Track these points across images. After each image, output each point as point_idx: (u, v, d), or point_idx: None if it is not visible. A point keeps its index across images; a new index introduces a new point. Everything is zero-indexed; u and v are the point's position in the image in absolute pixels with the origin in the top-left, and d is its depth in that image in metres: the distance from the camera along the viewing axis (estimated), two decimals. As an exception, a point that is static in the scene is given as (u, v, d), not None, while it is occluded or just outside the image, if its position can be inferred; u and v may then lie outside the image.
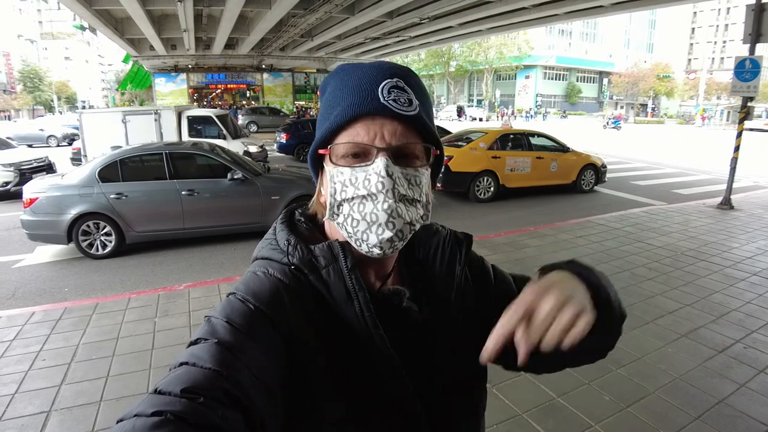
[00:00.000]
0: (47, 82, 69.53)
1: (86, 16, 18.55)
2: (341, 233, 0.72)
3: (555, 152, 10.51)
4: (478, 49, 57.43)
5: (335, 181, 0.70)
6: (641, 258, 5.83)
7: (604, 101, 70.96)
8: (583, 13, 18.87)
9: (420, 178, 0.71)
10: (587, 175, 10.76)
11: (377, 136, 0.68)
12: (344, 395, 0.66)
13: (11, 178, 10.33)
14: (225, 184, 6.64)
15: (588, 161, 10.74)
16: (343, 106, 0.69)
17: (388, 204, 0.66)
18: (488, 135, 10.12)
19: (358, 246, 0.70)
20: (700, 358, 3.53)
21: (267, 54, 29.32)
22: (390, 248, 0.69)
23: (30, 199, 6.12)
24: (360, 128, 0.68)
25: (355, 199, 0.68)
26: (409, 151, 0.70)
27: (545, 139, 10.70)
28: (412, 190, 0.70)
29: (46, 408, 2.94)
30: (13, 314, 4.39)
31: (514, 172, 9.93)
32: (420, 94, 0.72)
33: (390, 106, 0.67)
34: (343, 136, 0.69)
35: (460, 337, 0.80)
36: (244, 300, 0.66)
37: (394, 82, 0.70)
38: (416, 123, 0.70)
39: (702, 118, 49.47)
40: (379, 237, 0.67)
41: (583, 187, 10.75)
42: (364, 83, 0.69)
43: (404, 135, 0.69)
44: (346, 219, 0.70)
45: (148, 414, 0.51)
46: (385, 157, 0.67)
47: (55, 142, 23.80)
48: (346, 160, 0.69)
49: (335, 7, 16.44)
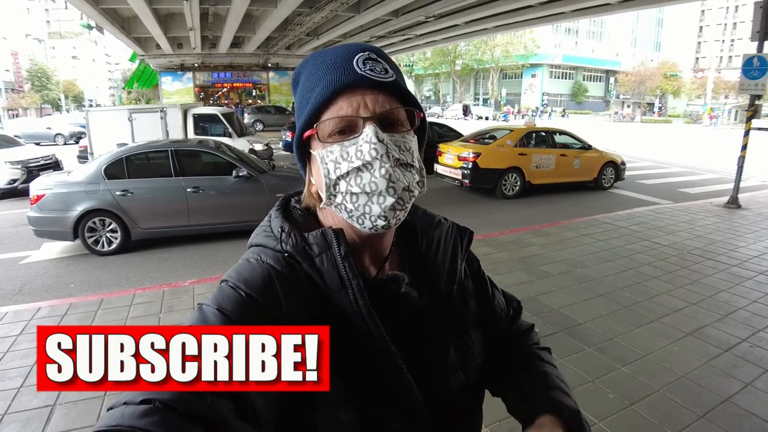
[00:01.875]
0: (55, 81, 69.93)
1: (93, 15, 18.65)
2: (340, 216, 0.72)
3: (578, 150, 10.67)
4: (484, 47, 57.33)
5: (326, 162, 0.70)
6: (647, 256, 5.80)
7: (610, 100, 70.62)
8: (589, 11, 18.77)
9: (409, 144, 0.71)
10: (608, 172, 10.89)
11: (360, 106, 0.68)
12: (340, 384, 0.65)
13: (18, 175, 10.41)
14: (230, 182, 6.66)
15: (609, 159, 10.88)
16: (322, 85, 0.69)
17: (384, 169, 0.66)
18: (514, 132, 10.26)
19: (360, 224, 0.70)
20: (706, 356, 3.50)
21: (273, 53, 29.36)
22: (394, 217, 0.69)
23: (37, 196, 6.16)
24: (342, 102, 0.68)
25: (351, 173, 0.68)
26: (394, 118, 0.70)
27: (568, 137, 10.86)
28: (404, 155, 0.70)
29: (50, 402, 2.96)
30: (20, 309, 4.42)
31: (540, 169, 10.05)
32: (392, 66, 0.73)
33: (368, 75, 0.68)
34: (326, 113, 0.69)
35: (459, 328, 0.80)
36: (236, 287, 0.66)
37: (366, 54, 0.71)
38: (395, 89, 0.70)
39: (710, 117, 49.11)
40: (382, 206, 0.67)
41: (604, 184, 10.88)
42: (338, 60, 0.70)
43: (387, 102, 0.69)
44: (345, 197, 0.69)
45: (136, 402, 0.52)
46: (373, 124, 0.67)
47: (62, 140, 23.95)
48: (333, 137, 0.69)
49: (341, 6, 16.43)
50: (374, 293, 0.70)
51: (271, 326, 0.57)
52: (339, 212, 0.72)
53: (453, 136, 12.37)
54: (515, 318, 0.97)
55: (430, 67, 62.40)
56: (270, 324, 0.63)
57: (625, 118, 56.20)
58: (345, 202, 0.69)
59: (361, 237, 0.75)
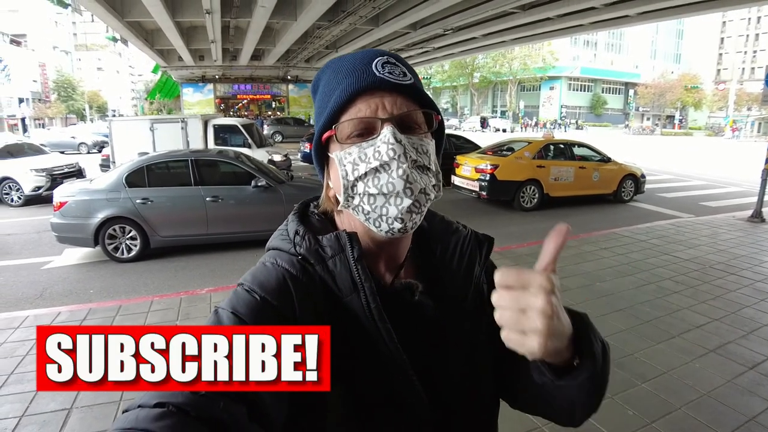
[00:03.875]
0: (80, 92, 71.75)
1: (118, 28, 19.14)
2: (358, 220, 0.72)
3: (597, 162, 10.59)
4: (502, 60, 57.34)
5: (345, 163, 0.70)
6: (668, 271, 5.68)
7: (630, 113, 69.90)
8: (608, 24, 18.67)
9: (426, 146, 0.71)
10: (627, 185, 10.78)
11: (379, 108, 0.68)
12: (349, 389, 0.65)
13: (43, 182, 10.66)
14: (249, 191, 6.73)
15: (628, 171, 10.78)
16: (341, 88, 0.70)
17: (402, 170, 0.66)
18: (533, 144, 10.22)
19: (377, 227, 0.70)
20: (730, 374, 3.40)
21: (292, 65, 29.70)
22: (410, 220, 0.68)
23: (60, 203, 6.30)
24: (361, 104, 0.69)
25: (369, 174, 0.68)
26: (411, 120, 0.70)
27: (587, 149, 10.78)
28: (422, 158, 0.69)
29: (67, 405, 2.99)
30: (41, 314, 4.50)
31: (558, 182, 9.98)
32: (410, 70, 0.74)
33: (387, 78, 0.69)
34: (345, 115, 0.70)
35: (474, 339, 0.78)
36: (251, 290, 0.66)
37: (385, 59, 0.72)
38: (414, 91, 0.71)
39: (732, 129, 48.25)
40: (399, 207, 0.67)
41: (623, 197, 10.75)
42: (357, 64, 0.71)
43: (405, 104, 0.70)
44: (362, 198, 0.69)
45: (151, 405, 0.52)
46: (391, 125, 0.67)
47: (86, 149, 24.53)
48: (352, 139, 0.70)
49: (359, 19, 16.58)
50: (388, 300, 0.70)
51: (272, 326, 0.57)
52: (356, 214, 0.72)
53: (470, 148, 12.38)
54: None
55: (448, 80, 62.54)
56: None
57: (644, 130, 55.53)
58: (362, 203, 0.69)
59: (376, 243, 0.74)
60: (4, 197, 10.61)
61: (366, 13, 15.68)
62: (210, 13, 15.79)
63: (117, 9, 16.46)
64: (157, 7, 15.13)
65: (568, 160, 10.22)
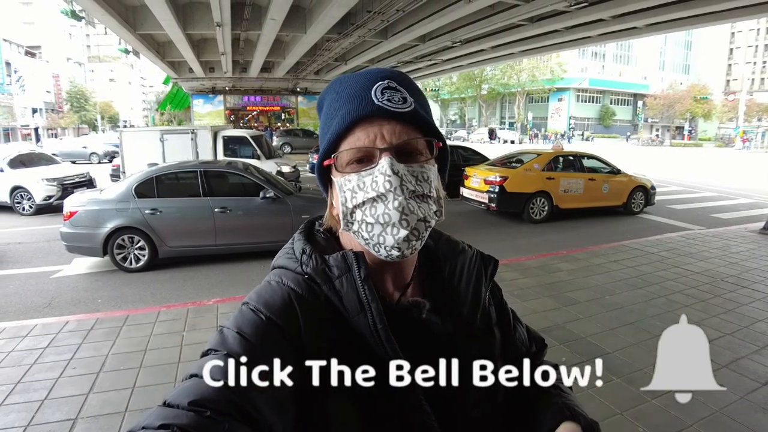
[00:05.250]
0: (92, 103, 72.77)
1: (131, 40, 19.44)
2: (358, 242, 0.72)
3: (606, 174, 10.58)
4: (511, 71, 57.44)
5: (344, 190, 0.70)
6: (678, 284, 5.61)
7: (638, 124, 69.61)
8: (616, 35, 18.67)
9: (427, 173, 0.70)
10: (637, 197, 10.73)
11: (377, 137, 0.68)
12: (356, 409, 0.64)
13: (54, 192, 10.78)
14: (257, 203, 6.75)
15: (638, 183, 10.75)
16: (340, 115, 0.70)
17: (398, 202, 0.66)
18: (542, 156, 10.22)
19: (376, 252, 0.69)
20: (742, 390, 3.34)
21: (302, 77, 29.92)
22: (408, 248, 0.68)
23: (70, 212, 6.35)
24: (360, 133, 0.69)
25: (366, 203, 0.68)
26: (411, 148, 0.70)
27: (596, 161, 10.78)
28: (421, 186, 0.69)
29: (73, 415, 3.00)
30: (48, 323, 4.52)
31: (568, 194, 9.97)
32: (413, 92, 0.73)
33: (385, 106, 0.68)
34: (344, 144, 0.70)
35: (481, 358, 0.77)
36: (256, 310, 0.66)
37: (385, 83, 0.71)
38: (414, 119, 0.70)
39: (742, 140, 47.90)
40: (395, 237, 0.67)
41: (633, 209, 10.69)
42: (357, 90, 0.71)
43: (404, 132, 0.69)
44: (360, 225, 0.69)
45: (155, 427, 0.51)
46: (389, 156, 0.67)
47: (97, 158, 24.81)
48: (351, 167, 0.70)
49: (368, 32, 16.71)
50: (395, 319, 0.69)
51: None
52: (357, 238, 0.72)
53: (478, 160, 12.41)
54: (538, 356, 0.93)
55: (456, 92, 62.69)
56: (288, 346, 0.63)
57: (653, 141, 55.25)
58: (361, 230, 0.70)
59: (381, 262, 0.73)
60: (16, 206, 10.73)
61: (375, 25, 15.81)
62: (220, 26, 16.00)
63: (129, 22, 16.73)
64: (169, 20, 15.36)
65: (577, 172, 10.21)
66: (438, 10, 14.39)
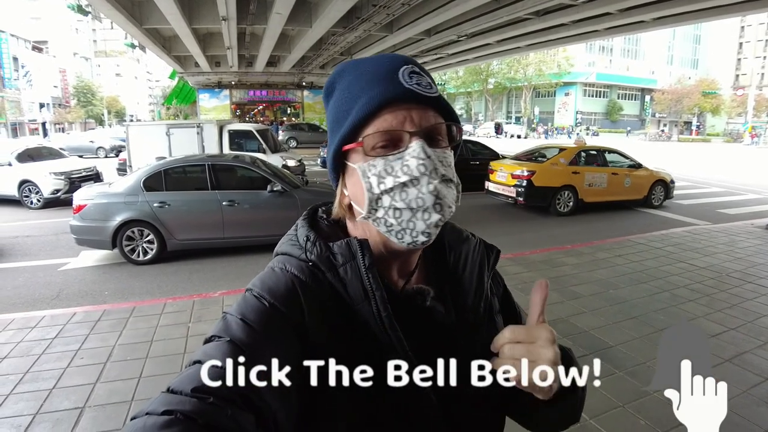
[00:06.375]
0: (99, 97, 73.12)
1: (137, 34, 19.47)
2: (378, 229, 0.70)
3: (628, 168, 10.77)
4: (517, 66, 56.99)
5: (368, 176, 0.68)
6: (683, 279, 5.60)
7: (646, 119, 69.07)
8: (624, 29, 18.54)
9: (449, 159, 0.71)
10: (657, 191, 10.91)
11: (407, 120, 0.67)
12: (360, 397, 0.63)
13: (62, 186, 10.86)
14: (264, 196, 6.80)
15: (658, 177, 10.93)
16: (366, 98, 0.67)
17: (433, 185, 0.65)
18: (567, 151, 10.43)
19: (399, 239, 0.68)
20: (746, 384, 3.34)
21: (307, 72, 29.89)
22: (435, 234, 0.68)
23: (79, 206, 6.40)
24: (388, 115, 0.67)
25: (396, 188, 0.66)
26: (437, 133, 0.70)
27: (618, 155, 10.99)
28: (447, 171, 0.69)
29: (80, 404, 3.04)
30: (56, 314, 4.58)
31: (592, 188, 10.16)
32: (433, 81, 0.73)
33: (415, 89, 0.67)
34: (370, 127, 0.68)
35: (484, 346, 0.78)
36: (259, 296, 0.66)
37: (410, 67, 0.70)
38: (439, 104, 0.70)
39: (751, 136, 47.39)
40: (427, 222, 0.67)
41: (653, 203, 10.89)
42: (381, 72, 0.69)
43: (433, 117, 0.69)
44: (387, 211, 0.67)
45: (158, 413, 0.52)
46: (420, 140, 0.66)
47: (104, 153, 24.92)
48: (376, 151, 0.68)
49: (374, 26, 16.66)
50: (399, 306, 0.69)
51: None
52: (377, 226, 0.70)
53: (487, 154, 12.69)
54: None
55: (463, 86, 62.28)
56: (292, 333, 0.63)
57: (661, 137, 54.80)
58: (387, 216, 0.68)
59: (389, 250, 0.73)
60: (24, 200, 10.82)
61: (380, 19, 15.76)
62: (226, 20, 16.00)
63: (135, 16, 16.75)
64: (175, 14, 15.37)
65: (601, 167, 10.41)
66: (443, 4, 14.34)
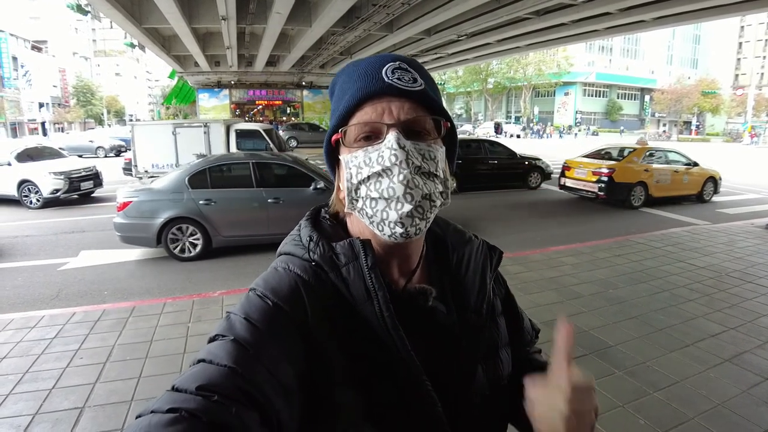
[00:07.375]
0: (98, 97, 73.08)
1: (136, 34, 19.42)
2: (362, 222, 0.72)
3: (686, 166, 11.79)
4: (517, 65, 57.03)
5: (350, 166, 0.71)
6: (682, 278, 5.60)
7: (645, 118, 69.09)
8: (623, 29, 18.52)
9: (434, 153, 0.71)
10: (708, 187, 12.03)
11: (385, 112, 0.69)
12: (362, 397, 0.64)
13: (61, 185, 10.86)
14: (308, 193, 6.89)
15: (710, 174, 12.06)
16: (350, 93, 0.71)
17: (403, 175, 0.66)
18: (638, 151, 11.61)
19: (380, 231, 0.69)
20: (745, 384, 3.34)
21: (307, 71, 29.84)
22: (412, 226, 0.67)
23: (123, 203, 6.42)
24: (368, 109, 0.69)
25: (371, 178, 0.68)
26: (419, 127, 0.70)
27: (677, 154, 12.15)
28: (427, 164, 0.69)
29: (80, 404, 3.04)
30: (56, 314, 4.57)
31: (659, 184, 11.19)
32: (423, 75, 0.74)
33: (394, 83, 0.69)
34: (353, 120, 0.71)
35: (488, 347, 0.78)
36: (263, 296, 0.66)
37: (396, 64, 0.72)
38: (423, 98, 0.71)
39: (751, 135, 47.45)
40: (399, 212, 0.67)
41: (705, 198, 11.98)
42: (368, 69, 0.72)
43: (412, 110, 0.70)
44: (365, 201, 0.70)
45: (164, 410, 0.52)
46: (396, 131, 0.68)
47: (103, 152, 24.93)
48: (358, 143, 0.70)
49: (374, 25, 16.63)
50: (401, 306, 0.69)
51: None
52: (361, 218, 0.72)
53: (504, 153, 13.95)
54: (532, 343, 0.95)
55: (462, 86, 62.27)
56: (295, 332, 0.63)
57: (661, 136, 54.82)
58: (365, 207, 0.70)
59: (386, 247, 0.74)
60: (24, 199, 10.81)
61: (380, 19, 15.73)
62: (225, 20, 15.97)
63: (135, 16, 16.71)
64: (174, 14, 15.33)
65: (665, 165, 11.46)
66: (443, 4, 14.31)
